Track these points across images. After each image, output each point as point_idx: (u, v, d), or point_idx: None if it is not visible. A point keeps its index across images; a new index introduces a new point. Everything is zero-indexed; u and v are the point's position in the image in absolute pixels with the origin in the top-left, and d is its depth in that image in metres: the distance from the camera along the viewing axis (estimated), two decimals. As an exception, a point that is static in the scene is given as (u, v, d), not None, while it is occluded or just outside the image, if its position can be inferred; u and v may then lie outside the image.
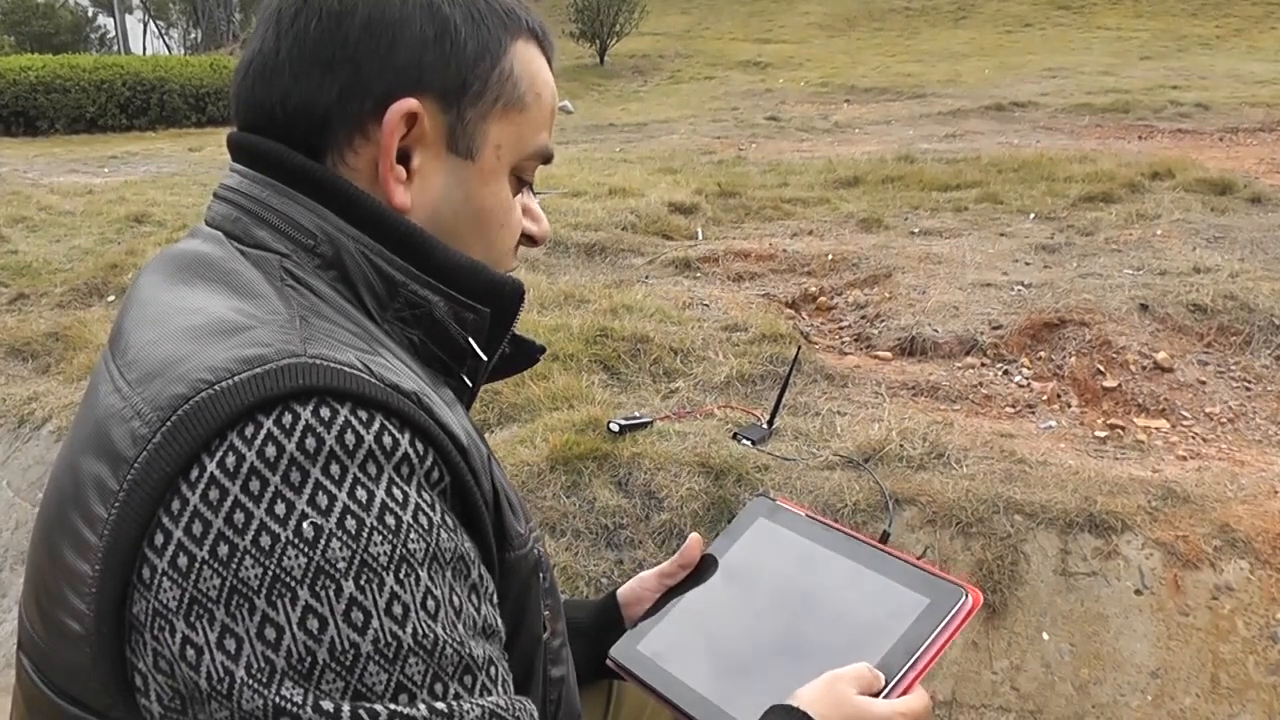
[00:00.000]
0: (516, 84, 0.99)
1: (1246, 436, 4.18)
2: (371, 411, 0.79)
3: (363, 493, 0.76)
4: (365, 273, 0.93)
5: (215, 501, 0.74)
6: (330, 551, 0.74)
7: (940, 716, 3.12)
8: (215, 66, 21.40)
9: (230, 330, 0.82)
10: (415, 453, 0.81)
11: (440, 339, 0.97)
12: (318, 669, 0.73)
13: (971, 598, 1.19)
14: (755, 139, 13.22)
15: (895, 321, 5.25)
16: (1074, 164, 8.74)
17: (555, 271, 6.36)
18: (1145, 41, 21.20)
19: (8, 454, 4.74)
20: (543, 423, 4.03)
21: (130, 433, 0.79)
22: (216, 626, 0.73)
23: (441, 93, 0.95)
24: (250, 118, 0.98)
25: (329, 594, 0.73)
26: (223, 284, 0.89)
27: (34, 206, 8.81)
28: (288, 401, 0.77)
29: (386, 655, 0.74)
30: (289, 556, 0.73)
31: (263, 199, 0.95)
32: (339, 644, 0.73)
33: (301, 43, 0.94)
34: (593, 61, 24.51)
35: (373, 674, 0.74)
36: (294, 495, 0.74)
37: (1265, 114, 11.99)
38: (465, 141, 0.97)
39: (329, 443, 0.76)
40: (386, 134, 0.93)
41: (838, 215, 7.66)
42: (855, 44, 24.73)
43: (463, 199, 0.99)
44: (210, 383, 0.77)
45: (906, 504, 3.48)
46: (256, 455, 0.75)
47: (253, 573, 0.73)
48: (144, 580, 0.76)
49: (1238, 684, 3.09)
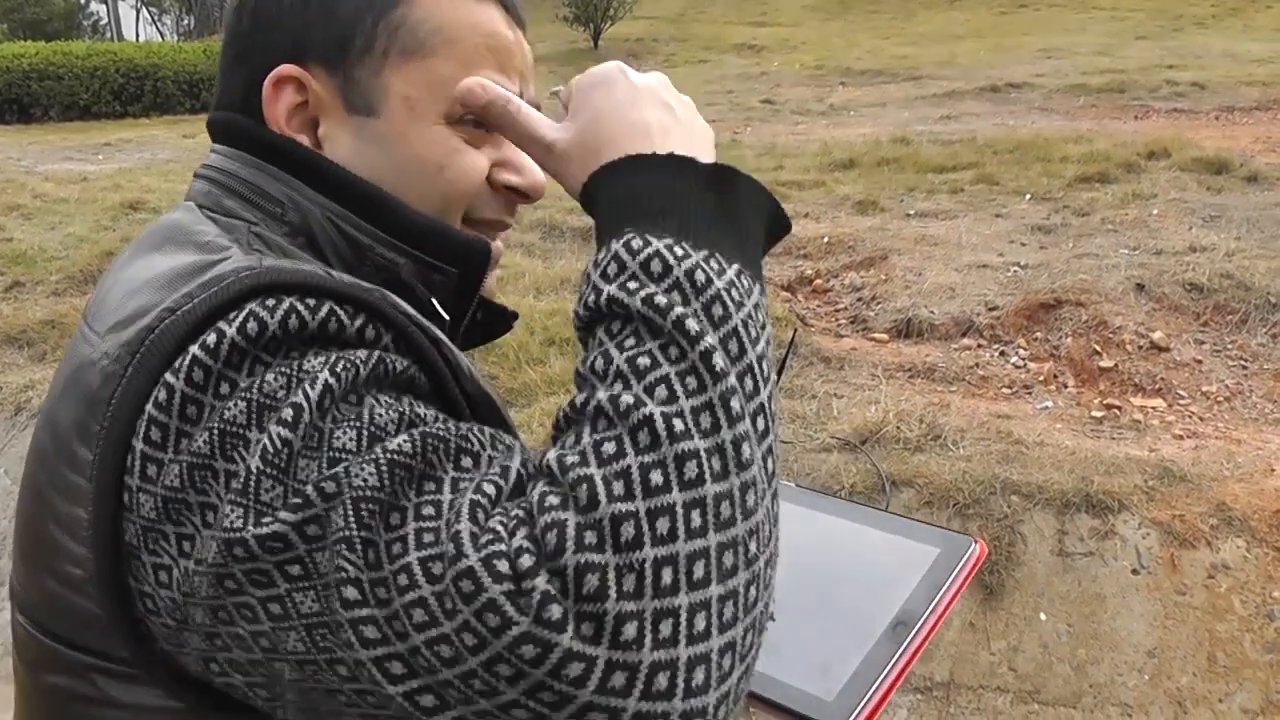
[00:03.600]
0: (412, 30, 0.96)
1: (1243, 415, 4.18)
2: (320, 299, 0.78)
3: (297, 353, 0.75)
4: (332, 238, 0.94)
5: (165, 403, 0.74)
6: (267, 385, 0.73)
7: (938, 697, 3.13)
8: (208, 53, 21.32)
9: (195, 271, 0.83)
10: (365, 337, 0.79)
11: (409, 301, 0.94)
12: (266, 481, 0.70)
13: (978, 546, 1.20)
14: (750, 122, 13.20)
15: (891, 304, 5.25)
16: (1070, 144, 8.73)
17: (551, 256, 6.35)
18: (1141, 21, 21.14)
19: (4, 442, 4.74)
20: (540, 408, 4.03)
21: (102, 372, 0.80)
22: (195, 510, 0.73)
23: (324, 56, 0.96)
24: (221, 108, 1.03)
25: (276, 419, 0.72)
26: (190, 244, 0.90)
27: (29, 194, 8.79)
28: (238, 303, 0.77)
29: (312, 443, 0.71)
30: (230, 408, 0.73)
31: (233, 171, 0.97)
32: (272, 446, 0.71)
33: (231, 37, 1.00)
34: (587, 46, 24.41)
35: (304, 467, 0.70)
36: (234, 373, 0.74)
37: (1261, 93, 11.96)
38: (363, 99, 0.97)
39: (271, 326, 0.75)
40: (267, 104, 0.95)
41: (833, 198, 7.64)
42: (850, 27, 24.64)
43: (377, 154, 0.97)
44: (172, 310, 0.78)
45: (904, 486, 3.49)
46: (200, 348, 0.75)
47: (203, 439, 0.73)
48: (126, 505, 0.76)
49: (1234, 662, 3.10)
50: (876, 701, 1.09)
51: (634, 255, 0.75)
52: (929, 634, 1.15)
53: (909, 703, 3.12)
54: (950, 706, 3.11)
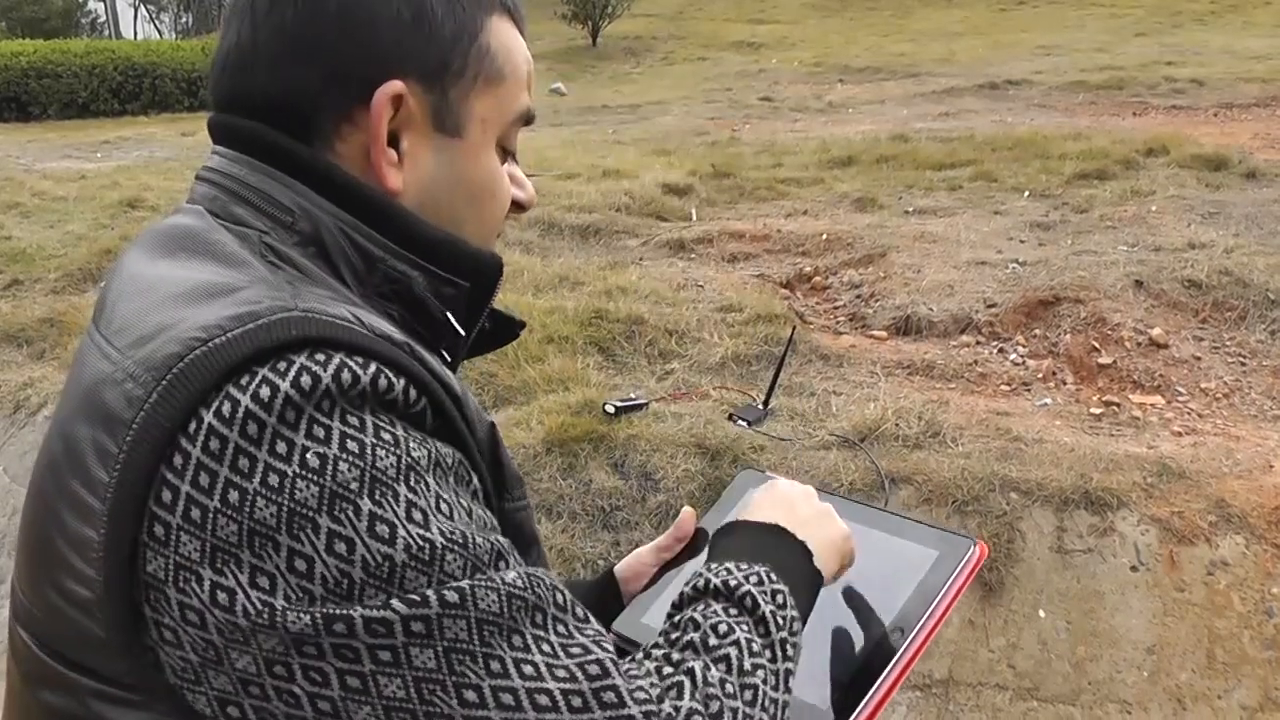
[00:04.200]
0: (494, 58, 0.99)
1: (1242, 411, 4.18)
2: (367, 359, 0.80)
3: (354, 419, 0.78)
4: (343, 248, 0.93)
5: (217, 451, 0.75)
6: (340, 475, 0.75)
7: (937, 695, 3.13)
8: (207, 51, 21.21)
9: (219, 292, 0.83)
10: (406, 398, 0.82)
11: (419, 314, 0.97)
12: (356, 587, 0.75)
13: (979, 548, 1.20)
14: (749, 120, 13.18)
15: (890, 301, 5.25)
16: (1068, 141, 8.72)
17: (550, 254, 6.35)
18: (1140, 18, 21.11)
19: (3, 440, 4.74)
20: (538, 405, 4.03)
21: (124, 395, 0.79)
22: (245, 568, 0.74)
23: (423, 74, 0.95)
24: (231, 110, 0.98)
25: (348, 515, 0.75)
26: (207, 254, 0.89)
27: (27, 192, 8.77)
28: (282, 351, 0.78)
29: (422, 559, 0.76)
30: (300, 488, 0.75)
31: (240, 177, 0.95)
32: (372, 560, 0.75)
33: (279, 34, 0.94)
34: (585, 43, 24.38)
35: (413, 579, 0.76)
36: (291, 432, 0.75)
37: (1260, 89, 11.95)
38: (451, 120, 0.98)
39: (325, 380, 0.77)
40: (375, 119, 0.93)
41: (832, 195, 7.64)
42: (849, 24, 24.61)
43: (454, 176, 0.99)
44: (203, 340, 0.78)
45: (902, 483, 3.49)
46: (251, 399, 0.75)
47: (268, 512, 0.74)
48: (157, 537, 0.76)
49: (1233, 659, 3.10)
50: (872, 709, 1.09)
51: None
52: (926, 639, 1.14)
53: (908, 699, 3.12)
54: (949, 704, 3.12)
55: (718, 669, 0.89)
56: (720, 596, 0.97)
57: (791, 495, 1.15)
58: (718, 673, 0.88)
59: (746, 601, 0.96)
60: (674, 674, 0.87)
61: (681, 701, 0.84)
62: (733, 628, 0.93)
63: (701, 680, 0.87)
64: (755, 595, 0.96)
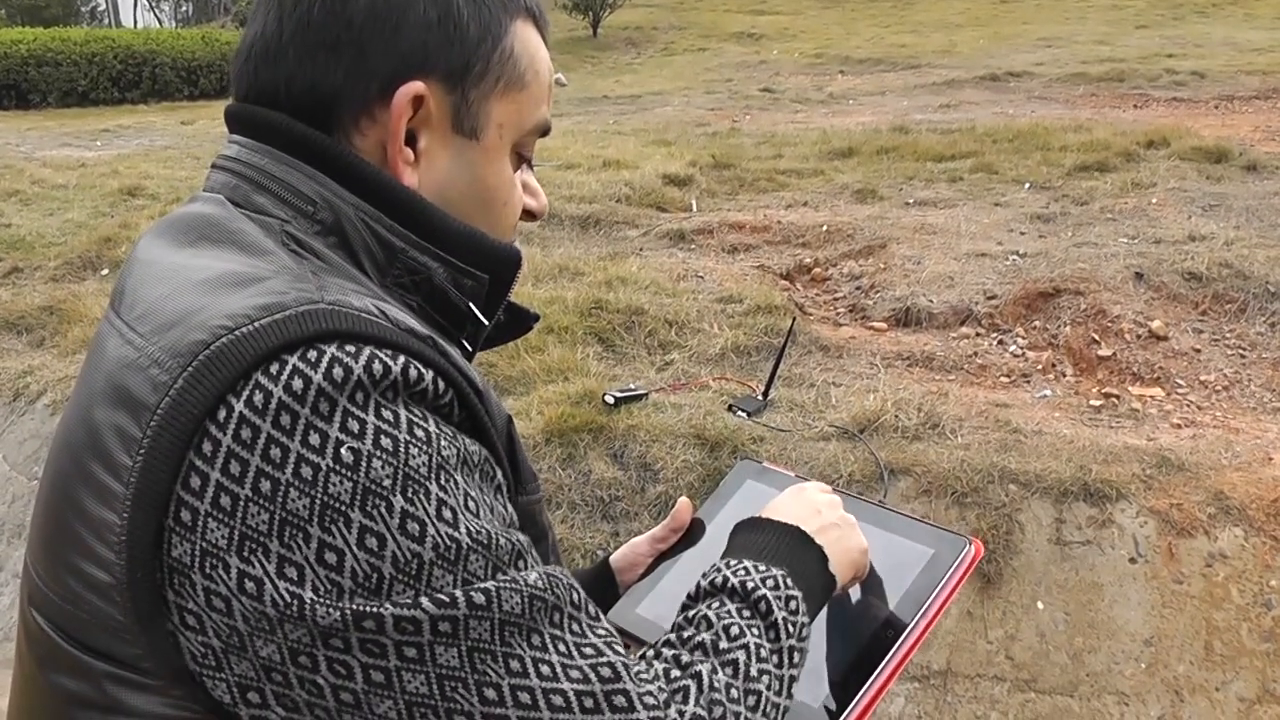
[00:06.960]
0: (517, 63, 1.00)
1: (1241, 404, 4.19)
2: (395, 351, 0.81)
3: (388, 413, 0.79)
4: (365, 239, 0.94)
5: (249, 440, 0.76)
6: (373, 471, 0.77)
7: (935, 685, 3.13)
8: (207, 39, 21.19)
9: (244, 281, 0.84)
10: (435, 390, 0.83)
11: (439, 304, 0.98)
12: (385, 583, 0.76)
13: (974, 547, 1.20)
14: (750, 111, 13.17)
15: (890, 292, 5.25)
16: (1069, 133, 8.72)
17: (550, 244, 6.34)
18: (1141, 10, 21.09)
19: (3, 428, 4.74)
20: (538, 395, 4.03)
21: (150, 380, 0.80)
22: (273, 558, 0.75)
23: (446, 75, 0.96)
24: (252, 99, 0.99)
25: (380, 511, 0.76)
26: (230, 243, 0.90)
27: (27, 180, 8.77)
28: (312, 342, 0.78)
29: (448, 558, 0.78)
30: (334, 483, 0.76)
31: (261, 166, 0.95)
32: (401, 556, 0.77)
33: (305, 26, 0.95)
34: (586, 34, 24.36)
35: (439, 577, 0.78)
36: (325, 424, 0.76)
37: (1261, 81, 11.94)
38: (470, 122, 0.98)
39: (357, 372, 0.78)
40: (395, 117, 0.94)
41: (832, 186, 7.63)
42: (849, 15, 24.59)
43: (468, 179, 1.00)
44: (230, 329, 0.78)
45: (901, 474, 3.49)
46: (284, 390, 0.76)
47: (300, 503, 0.75)
48: (184, 523, 0.77)
49: (1231, 651, 3.10)
50: (862, 708, 1.09)
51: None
52: (919, 638, 1.14)
53: (906, 691, 3.13)
54: (947, 695, 3.12)
55: (725, 673, 0.92)
56: (736, 596, 1.00)
57: (818, 501, 1.17)
58: (724, 677, 0.91)
59: (761, 606, 0.99)
60: (681, 677, 0.90)
61: (686, 706, 0.87)
62: (744, 630, 0.96)
63: (708, 685, 0.89)
64: (770, 600, 0.99)
